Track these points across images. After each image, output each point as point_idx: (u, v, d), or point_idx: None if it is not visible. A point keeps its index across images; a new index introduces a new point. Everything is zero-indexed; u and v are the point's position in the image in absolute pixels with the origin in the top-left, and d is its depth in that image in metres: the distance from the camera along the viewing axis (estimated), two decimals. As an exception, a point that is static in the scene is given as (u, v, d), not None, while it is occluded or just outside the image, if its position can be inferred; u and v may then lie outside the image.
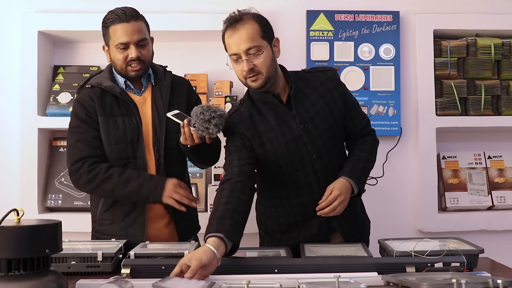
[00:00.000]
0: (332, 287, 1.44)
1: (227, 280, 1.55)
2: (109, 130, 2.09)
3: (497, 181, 3.09)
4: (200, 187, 2.97)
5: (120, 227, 2.12)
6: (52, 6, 2.96)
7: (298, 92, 2.02)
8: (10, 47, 2.98)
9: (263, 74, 1.93)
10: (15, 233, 1.28)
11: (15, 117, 2.92)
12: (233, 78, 3.03)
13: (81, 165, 2.06)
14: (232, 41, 1.92)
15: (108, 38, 2.10)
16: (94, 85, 2.13)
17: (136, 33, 2.07)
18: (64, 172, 2.98)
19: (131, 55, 2.07)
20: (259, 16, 1.97)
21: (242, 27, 1.91)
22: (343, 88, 2.11)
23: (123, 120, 2.10)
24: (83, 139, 2.09)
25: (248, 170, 1.95)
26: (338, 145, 2.10)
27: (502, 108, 3.05)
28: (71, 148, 2.10)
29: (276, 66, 1.98)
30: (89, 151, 2.07)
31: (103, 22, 2.11)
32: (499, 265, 1.88)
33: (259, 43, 1.91)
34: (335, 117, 2.05)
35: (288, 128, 2.00)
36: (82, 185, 2.09)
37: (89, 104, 2.10)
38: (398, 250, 1.74)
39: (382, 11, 3.01)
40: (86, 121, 2.09)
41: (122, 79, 2.16)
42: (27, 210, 1.74)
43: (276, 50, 1.99)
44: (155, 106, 2.16)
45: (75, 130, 2.11)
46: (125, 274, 1.64)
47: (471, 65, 3.04)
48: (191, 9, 2.94)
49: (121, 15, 2.06)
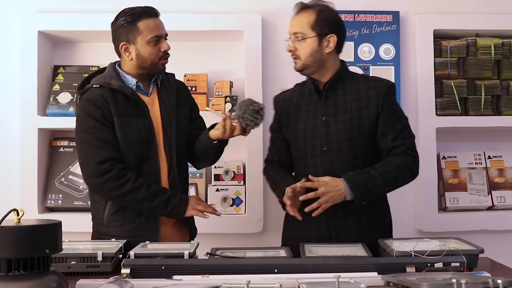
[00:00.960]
0: (332, 287, 1.44)
1: (227, 280, 1.55)
2: (126, 132, 2.06)
3: (497, 181, 3.09)
4: (200, 187, 2.98)
5: (131, 228, 2.09)
6: (52, 6, 2.96)
7: (336, 87, 2.13)
8: (10, 47, 2.98)
9: (300, 60, 2.09)
10: (15, 233, 1.28)
11: (15, 117, 2.91)
12: (233, 78, 3.03)
13: (109, 168, 2.01)
14: (291, 22, 2.14)
15: (136, 33, 2.08)
16: (103, 85, 2.08)
17: (164, 28, 2.14)
18: (64, 172, 2.98)
19: (164, 48, 2.11)
20: (325, 10, 2.09)
21: (300, 14, 2.10)
22: (388, 102, 2.10)
23: (136, 121, 2.09)
24: (103, 139, 2.04)
25: (284, 150, 2.25)
26: (355, 148, 2.09)
27: (502, 108, 3.05)
28: (93, 149, 2.04)
29: (319, 58, 2.09)
30: (113, 153, 2.04)
31: (128, 18, 2.08)
32: (499, 265, 1.88)
33: (305, 32, 2.07)
34: (361, 122, 2.09)
35: (312, 115, 2.13)
36: (107, 189, 2.04)
37: (103, 105, 2.06)
38: (398, 250, 1.74)
39: (382, 11, 3.01)
40: (102, 121, 2.05)
41: (133, 79, 2.13)
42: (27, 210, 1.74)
43: (325, 45, 2.08)
44: (163, 107, 2.16)
45: (91, 130, 2.05)
46: (125, 274, 1.63)
47: (471, 65, 3.04)
48: (191, 9, 2.94)
49: (151, 11, 2.10)
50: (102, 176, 2.02)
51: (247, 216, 2.89)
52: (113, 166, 2.02)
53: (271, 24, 3.01)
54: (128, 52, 2.11)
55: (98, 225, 2.16)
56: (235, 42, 3.05)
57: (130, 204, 2.07)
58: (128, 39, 2.09)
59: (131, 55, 2.11)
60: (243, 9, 2.97)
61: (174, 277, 1.61)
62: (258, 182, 2.91)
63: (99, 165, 2.02)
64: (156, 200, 2.04)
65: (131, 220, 2.10)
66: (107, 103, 2.06)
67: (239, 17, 2.93)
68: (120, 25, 2.10)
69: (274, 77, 3.01)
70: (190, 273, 1.62)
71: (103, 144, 2.03)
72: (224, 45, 3.08)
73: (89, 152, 2.05)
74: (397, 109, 2.15)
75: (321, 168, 2.09)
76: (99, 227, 2.15)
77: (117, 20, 2.12)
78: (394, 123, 2.10)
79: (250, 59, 2.94)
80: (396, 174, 2.06)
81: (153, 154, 2.10)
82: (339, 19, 2.15)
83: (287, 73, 3.02)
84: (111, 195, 2.06)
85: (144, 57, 2.10)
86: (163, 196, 2.05)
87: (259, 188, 2.91)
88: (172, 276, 1.61)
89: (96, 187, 2.07)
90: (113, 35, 2.14)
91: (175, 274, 1.62)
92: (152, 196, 2.03)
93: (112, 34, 2.14)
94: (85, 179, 2.11)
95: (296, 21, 2.10)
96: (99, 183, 2.04)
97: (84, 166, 2.08)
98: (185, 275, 1.61)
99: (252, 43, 2.93)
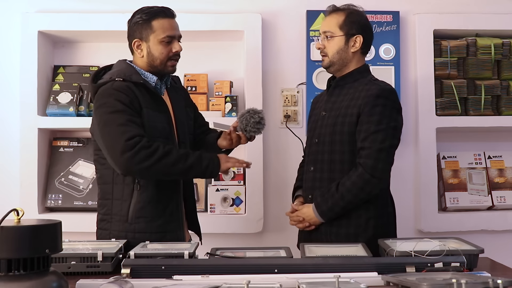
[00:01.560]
0: (332, 287, 1.44)
1: (227, 280, 1.55)
2: (152, 123, 2.07)
3: (497, 181, 3.10)
4: (200, 187, 2.98)
5: (159, 223, 2.08)
6: (52, 6, 2.96)
7: (344, 86, 2.24)
8: (10, 47, 2.98)
9: (327, 57, 2.24)
10: (15, 233, 1.28)
11: (15, 117, 2.92)
12: (233, 78, 3.03)
13: (139, 140, 1.96)
14: (322, 22, 2.31)
15: (150, 31, 2.10)
16: (125, 78, 2.07)
17: (178, 29, 2.17)
18: (64, 172, 2.98)
19: (175, 49, 2.13)
20: (354, 13, 2.22)
21: (331, 15, 2.25)
22: (371, 103, 2.10)
23: (161, 116, 2.12)
24: (133, 120, 2.00)
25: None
26: (336, 143, 2.17)
27: (502, 108, 3.05)
28: (123, 126, 1.97)
29: (345, 56, 2.22)
30: (140, 131, 2.00)
31: (143, 16, 2.10)
32: (499, 265, 1.88)
33: (334, 31, 2.21)
34: (344, 119, 2.16)
35: (318, 111, 2.31)
36: (139, 160, 1.95)
37: (131, 94, 2.04)
38: (398, 250, 1.74)
39: (382, 11, 3.01)
40: (130, 107, 2.02)
41: (154, 76, 2.15)
42: (27, 210, 1.74)
43: (351, 45, 2.21)
44: (175, 106, 2.22)
45: (120, 112, 1.99)
46: (125, 274, 1.63)
47: (471, 65, 3.04)
48: (191, 9, 2.94)
49: (167, 11, 2.14)
50: (132, 149, 1.95)
51: (247, 216, 2.89)
52: (141, 139, 1.97)
53: (271, 24, 3.01)
54: (140, 49, 2.14)
55: (119, 222, 2.08)
56: (235, 42, 3.05)
57: (164, 169, 2.00)
58: (141, 36, 2.13)
59: (143, 52, 2.14)
60: (243, 9, 2.98)
61: (174, 277, 1.60)
62: (258, 182, 2.91)
63: (127, 141, 1.95)
64: (189, 159, 2.02)
65: (158, 215, 2.08)
66: (134, 94, 2.05)
67: (239, 17, 2.93)
68: (135, 22, 2.13)
69: (274, 77, 3.01)
70: (190, 273, 1.62)
71: (131, 123, 1.99)
72: (224, 45, 3.08)
73: (117, 130, 1.98)
74: (380, 112, 2.10)
75: (311, 158, 2.28)
76: (120, 225, 2.08)
77: (133, 17, 2.15)
78: (369, 124, 2.10)
79: (250, 59, 2.94)
80: (355, 192, 2.10)
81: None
82: (367, 22, 2.26)
83: (287, 73, 3.02)
84: (144, 165, 1.97)
85: (154, 55, 2.12)
86: (194, 155, 2.05)
87: (259, 188, 2.92)
88: (172, 276, 1.61)
89: (129, 161, 1.96)
90: (128, 32, 2.17)
91: (175, 274, 1.62)
92: (184, 156, 2.03)
93: (128, 30, 2.17)
94: (115, 159, 1.98)
95: (327, 21, 2.25)
96: (131, 156, 1.95)
97: (113, 146, 1.98)
98: (185, 275, 1.61)
99: (252, 43, 2.93)
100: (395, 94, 2.20)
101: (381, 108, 2.11)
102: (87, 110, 2.96)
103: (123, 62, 2.18)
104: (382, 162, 2.09)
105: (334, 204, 2.12)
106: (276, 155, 2.98)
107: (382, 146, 2.08)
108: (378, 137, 2.08)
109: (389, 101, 2.14)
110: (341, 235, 2.15)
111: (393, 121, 2.13)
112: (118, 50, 3.05)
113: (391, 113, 2.13)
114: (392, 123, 2.12)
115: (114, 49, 3.06)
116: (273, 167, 2.99)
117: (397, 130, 2.15)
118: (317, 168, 2.22)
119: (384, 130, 2.09)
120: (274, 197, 2.96)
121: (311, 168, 2.25)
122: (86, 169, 2.99)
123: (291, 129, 2.48)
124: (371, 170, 2.08)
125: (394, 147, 2.14)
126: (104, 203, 2.13)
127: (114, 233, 2.08)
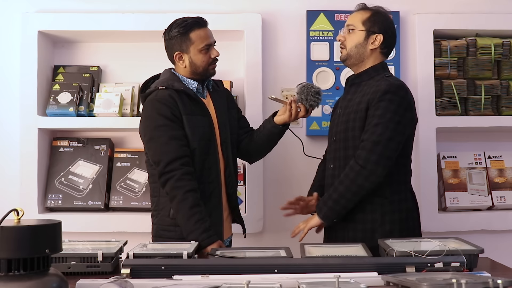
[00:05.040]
0: (332, 287, 1.44)
1: (227, 280, 1.55)
2: (193, 129, 2.20)
3: (497, 181, 3.10)
4: (200, 187, 2.97)
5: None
6: (52, 6, 2.96)
7: (357, 84, 2.28)
8: (10, 47, 2.98)
9: (346, 49, 2.28)
10: (15, 233, 1.28)
11: (15, 117, 2.92)
12: (233, 78, 3.03)
13: (177, 167, 2.11)
14: (348, 17, 2.37)
15: (189, 43, 2.25)
16: (168, 86, 2.22)
17: (213, 36, 2.32)
18: (64, 172, 2.98)
19: (214, 55, 2.29)
20: (379, 13, 2.29)
21: (358, 12, 2.31)
22: (379, 98, 2.11)
23: (201, 119, 2.23)
24: (174, 136, 2.16)
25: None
26: (349, 139, 2.20)
27: (502, 108, 3.05)
28: (165, 145, 2.14)
29: (362, 52, 2.25)
30: (181, 150, 2.15)
31: (180, 29, 2.24)
32: (499, 265, 1.88)
33: (356, 25, 2.26)
34: (355, 116, 2.19)
35: (338, 107, 2.35)
36: (166, 185, 2.12)
37: (172, 103, 2.19)
38: (398, 250, 1.74)
39: (382, 11, 3.01)
40: (172, 119, 2.17)
41: (194, 82, 2.29)
42: (27, 210, 1.74)
43: (370, 42, 2.25)
44: (217, 109, 2.34)
45: (162, 128, 2.17)
46: (125, 274, 1.64)
47: (471, 65, 3.04)
48: (191, 9, 2.94)
49: (201, 21, 2.29)
50: (166, 174, 2.12)
51: (247, 216, 2.88)
52: (182, 166, 2.12)
53: (271, 24, 3.01)
54: (182, 60, 2.28)
55: (164, 217, 2.21)
56: (235, 42, 3.05)
57: (174, 206, 2.13)
58: (181, 48, 2.27)
59: (185, 62, 2.28)
60: (243, 9, 2.98)
61: (174, 277, 1.61)
62: (258, 182, 2.91)
63: (168, 165, 2.11)
64: (193, 218, 2.07)
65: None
66: (175, 102, 2.19)
67: (239, 17, 2.93)
68: (173, 36, 2.27)
69: (274, 77, 3.01)
70: (190, 273, 1.63)
71: (175, 141, 2.15)
72: (224, 45, 3.05)
73: (159, 150, 2.15)
74: (384, 106, 2.10)
75: (330, 155, 2.32)
76: (165, 220, 2.20)
77: (170, 31, 2.28)
78: (373, 118, 2.11)
79: (250, 59, 2.94)
80: (347, 184, 2.11)
81: (212, 150, 2.25)
82: (391, 25, 2.30)
83: (287, 73, 3.02)
84: (166, 190, 2.14)
85: (197, 64, 2.27)
86: (200, 220, 2.07)
87: (259, 188, 2.92)
88: (172, 276, 1.61)
89: (161, 183, 2.15)
90: (166, 45, 2.31)
91: (175, 274, 1.62)
92: (192, 213, 2.08)
93: (165, 44, 2.31)
94: (158, 175, 2.17)
95: (353, 16, 2.31)
96: (163, 181, 2.13)
97: (155, 162, 2.17)
98: (185, 275, 1.61)
99: (252, 43, 2.93)
100: (404, 89, 2.18)
101: (387, 103, 2.11)
102: (87, 110, 2.96)
103: (167, 71, 2.34)
104: (376, 154, 2.07)
105: (328, 198, 2.16)
106: (276, 155, 2.97)
107: (379, 139, 2.07)
108: (377, 129, 2.09)
109: (396, 97, 2.13)
110: (357, 230, 2.16)
111: (398, 116, 2.11)
112: (118, 50, 3.08)
113: (397, 108, 2.11)
114: (396, 117, 2.10)
115: (114, 49, 3.07)
116: (273, 167, 2.99)
117: (400, 125, 2.11)
118: (336, 165, 2.26)
119: (384, 123, 2.09)
120: (274, 197, 2.96)
121: (331, 166, 2.29)
122: (86, 169, 2.99)
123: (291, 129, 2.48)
124: (363, 161, 2.08)
125: (394, 141, 2.10)
126: (153, 200, 2.28)
127: (161, 227, 2.22)
